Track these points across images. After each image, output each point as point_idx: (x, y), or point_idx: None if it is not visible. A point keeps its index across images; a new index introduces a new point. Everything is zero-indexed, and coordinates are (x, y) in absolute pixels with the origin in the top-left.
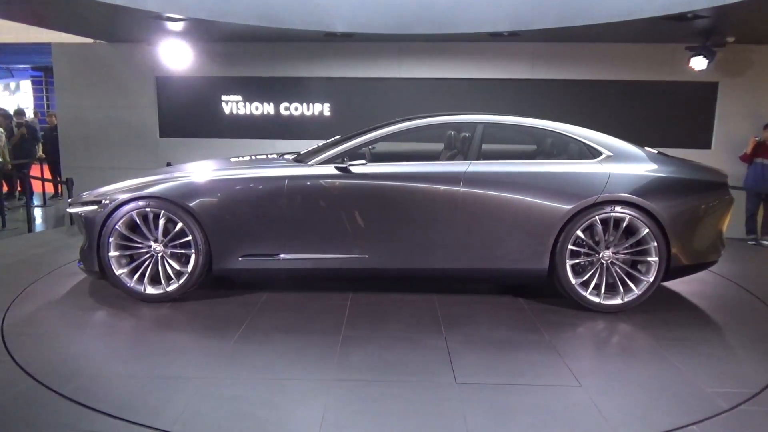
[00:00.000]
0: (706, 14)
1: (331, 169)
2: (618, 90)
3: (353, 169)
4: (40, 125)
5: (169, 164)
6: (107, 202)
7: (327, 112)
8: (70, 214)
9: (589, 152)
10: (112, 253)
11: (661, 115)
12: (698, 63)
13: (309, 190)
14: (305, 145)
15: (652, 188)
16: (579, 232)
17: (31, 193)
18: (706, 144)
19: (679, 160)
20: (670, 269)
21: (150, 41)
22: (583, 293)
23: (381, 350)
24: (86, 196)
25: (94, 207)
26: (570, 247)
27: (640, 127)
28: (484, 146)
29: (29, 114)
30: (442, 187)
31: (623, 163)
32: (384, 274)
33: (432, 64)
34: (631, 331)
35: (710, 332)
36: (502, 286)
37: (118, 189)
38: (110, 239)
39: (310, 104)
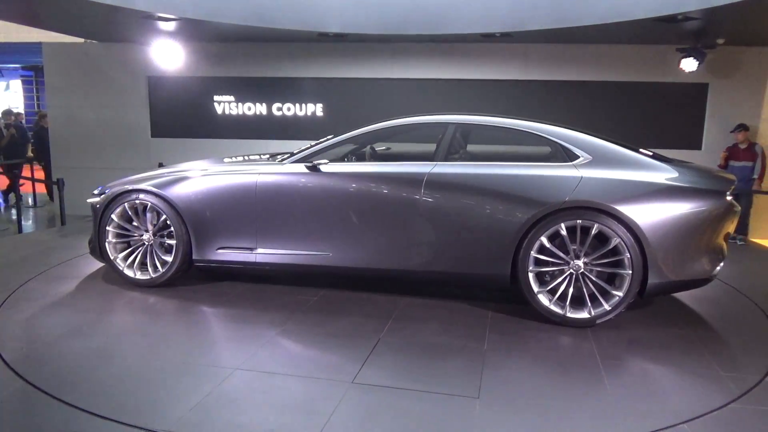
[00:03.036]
0: (696, 16)
1: (301, 168)
2: (610, 91)
3: (322, 168)
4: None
5: (161, 164)
6: (107, 193)
7: (319, 113)
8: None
9: (565, 154)
10: (108, 240)
11: (652, 115)
12: (688, 64)
13: (279, 188)
14: (298, 146)
15: (628, 194)
16: (544, 240)
17: (14, 194)
18: (696, 144)
19: (676, 164)
20: (649, 284)
21: (142, 41)
22: (546, 303)
23: (306, 345)
24: (101, 188)
25: (99, 198)
26: (534, 254)
27: (631, 127)
28: (470, 147)
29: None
30: (405, 188)
31: (601, 168)
32: (346, 272)
33: (425, 64)
34: (586, 347)
35: (679, 353)
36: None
37: (119, 182)
38: (107, 227)
39: (303, 104)
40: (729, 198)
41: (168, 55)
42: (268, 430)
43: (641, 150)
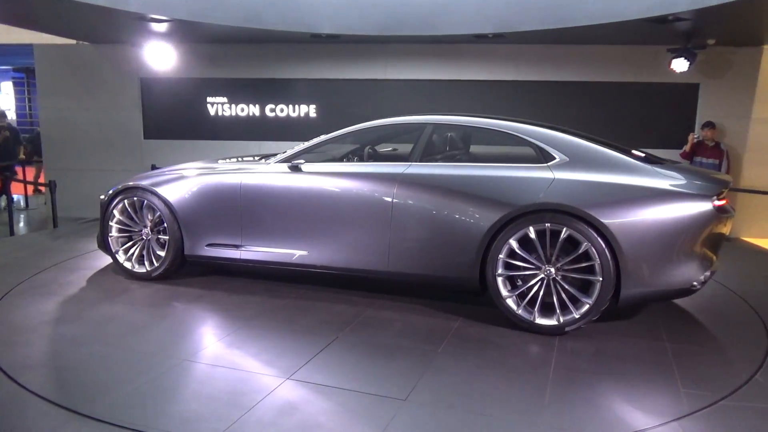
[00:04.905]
0: (687, 17)
1: (282, 168)
2: (601, 91)
3: (303, 168)
4: None
5: (153, 166)
6: (110, 191)
7: (313, 114)
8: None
9: (541, 155)
10: (111, 234)
11: (643, 116)
12: (679, 65)
13: (261, 187)
14: (291, 147)
15: (603, 198)
16: (513, 243)
17: (7, 196)
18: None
19: (666, 166)
20: (623, 293)
21: (134, 42)
22: (514, 308)
23: (264, 340)
24: (111, 185)
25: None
26: (503, 258)
27: (623, 128)
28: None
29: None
30: (379, 189)
31: (577, 170)
32: (322, 271)
33: (417, 65)
34: (546, 356)
35: (643, 367)
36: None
37: (124, 180)
38: (110, 222)
39: (296, 106)
40: (720, 202)
41: (160, 56)
42: (182, 418)
43: (633, 151)
